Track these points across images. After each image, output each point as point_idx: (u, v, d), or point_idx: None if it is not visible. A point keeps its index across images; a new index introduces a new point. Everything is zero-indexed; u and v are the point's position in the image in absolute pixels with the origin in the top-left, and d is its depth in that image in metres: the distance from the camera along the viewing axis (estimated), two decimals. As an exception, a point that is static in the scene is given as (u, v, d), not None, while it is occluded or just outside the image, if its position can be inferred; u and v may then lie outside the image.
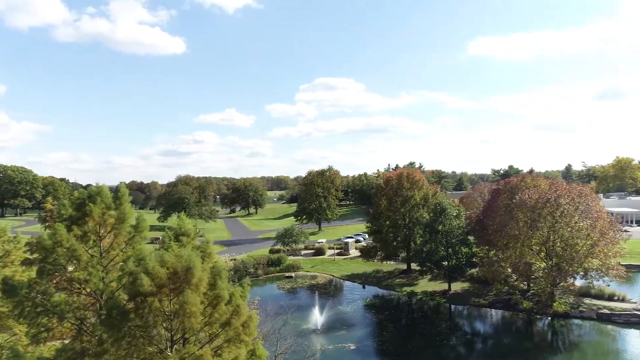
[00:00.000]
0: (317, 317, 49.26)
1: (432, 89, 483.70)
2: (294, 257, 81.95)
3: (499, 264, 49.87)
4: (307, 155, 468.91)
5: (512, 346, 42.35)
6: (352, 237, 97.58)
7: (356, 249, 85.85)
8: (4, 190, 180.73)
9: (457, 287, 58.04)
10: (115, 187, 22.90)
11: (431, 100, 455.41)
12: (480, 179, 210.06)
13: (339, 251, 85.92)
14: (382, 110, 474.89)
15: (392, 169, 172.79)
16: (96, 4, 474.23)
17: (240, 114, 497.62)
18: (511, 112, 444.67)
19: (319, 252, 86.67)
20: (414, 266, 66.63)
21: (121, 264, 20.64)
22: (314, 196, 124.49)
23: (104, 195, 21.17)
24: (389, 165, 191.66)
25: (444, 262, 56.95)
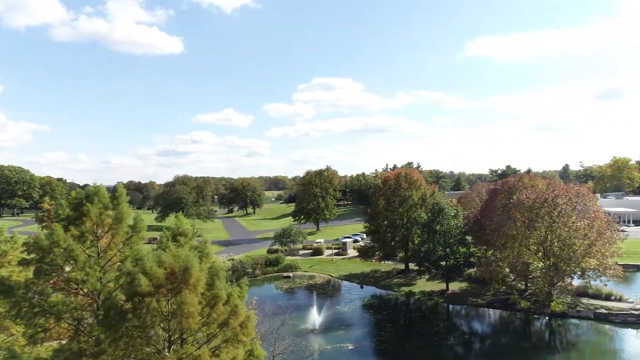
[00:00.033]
0: (315, 317, 49.26)
1: (430, 89, 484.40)
2: (292, 257, 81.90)
3: (496, 264, 49.95)
4: (305, 155, 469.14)
5: (510, 346, 42.45)
6: (350, 237, 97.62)
7: (354, 249, 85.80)
8: (1, 190, 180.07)
9: (455, 287, 58.12)
10: (112, 187, 22.84)
11: (429, 100, 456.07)
12: (478, 179, 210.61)
13: (337, 251, 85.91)
14: (380, 110, 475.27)
15: (390, 169, 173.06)
16: (93, 4, 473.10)
17: (238, 114, 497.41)
18: (509, 112, 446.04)
19: (317, 252, 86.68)
20: (412, 266, 66.70)
21: (119, 264, 20.60)
22: (312, 196, 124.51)
23: (101, 195, 21.10)
24: (387, 165, 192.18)
25: (442, 262, 57.02)
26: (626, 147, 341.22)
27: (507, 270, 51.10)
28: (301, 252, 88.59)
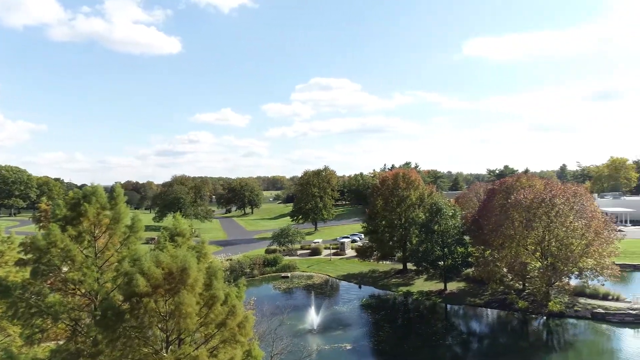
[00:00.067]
0: (313, 317, 49.23)
1: (427, 89, 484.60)
2: (290, 257, 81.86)
3: (494, 264, 50.05)
4: (303, 155, 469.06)
5: (508, 346, 42.50)
6: (348, 237, 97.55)
7: (352, 249, 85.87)
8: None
9: (453, 286, 58.19)
10: (110, 187, 22.82)
11: (426, 100, 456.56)
12: (475, 179, 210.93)
13: (335, 251, 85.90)
14: (377, 110, 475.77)
15: (388, 169, 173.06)
16: (91, 3, 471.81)
17: (235, 114, 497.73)
18: (507, 112, 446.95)
19: (315, 252, 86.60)
20: (410, 266, 66.77)
21: (116, 265, 20.53)
22: (310, 196, 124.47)
23: (98, 195, 21.05)
24: (385, 165, 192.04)
25: (440, 262, 57.07)
26: (623, 147, 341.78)
27: (504, 270, 51.24)
28: (299, 252, 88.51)
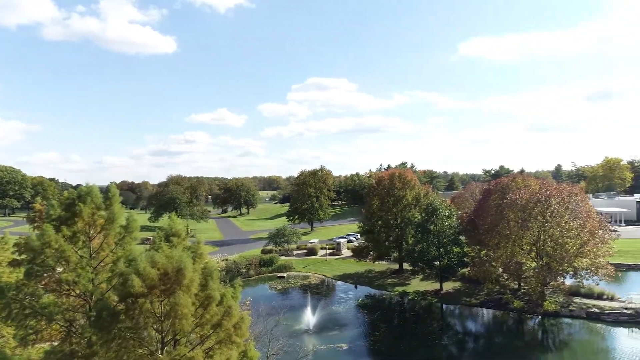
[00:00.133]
0: (309, 317, 49.20)
1: (424, 90, 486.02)
2: (286, 258, 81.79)
3: (490, 264, 50.22)
4: (299, 155, 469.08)
5: (503, 345, 42.67)
6: (345, 237, 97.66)
7: (348, 249, 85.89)
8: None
9: (448, 286, 58.32)
10: (105, 187, 22.66)
11: (423, 100, 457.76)
12: (471, 179, 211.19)
13: (331, 251, 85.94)
14: (374, 110, 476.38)
15: (384, 169, 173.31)
16: (86, 3, 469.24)
17: (231, 114, 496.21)
18: (503, 112, 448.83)
19: (311, 252, 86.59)
20: (406, 266, 66.86)
21: (111, 265, 20.45)
22: (306, 196, 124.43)
23: (93, 195, 20.95)
24: (381, 165, 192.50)
25: (436, 262, 57.20)
26: (618, 147, 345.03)
27: (500, 270, 51.41)
28: (295, 252, 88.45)
